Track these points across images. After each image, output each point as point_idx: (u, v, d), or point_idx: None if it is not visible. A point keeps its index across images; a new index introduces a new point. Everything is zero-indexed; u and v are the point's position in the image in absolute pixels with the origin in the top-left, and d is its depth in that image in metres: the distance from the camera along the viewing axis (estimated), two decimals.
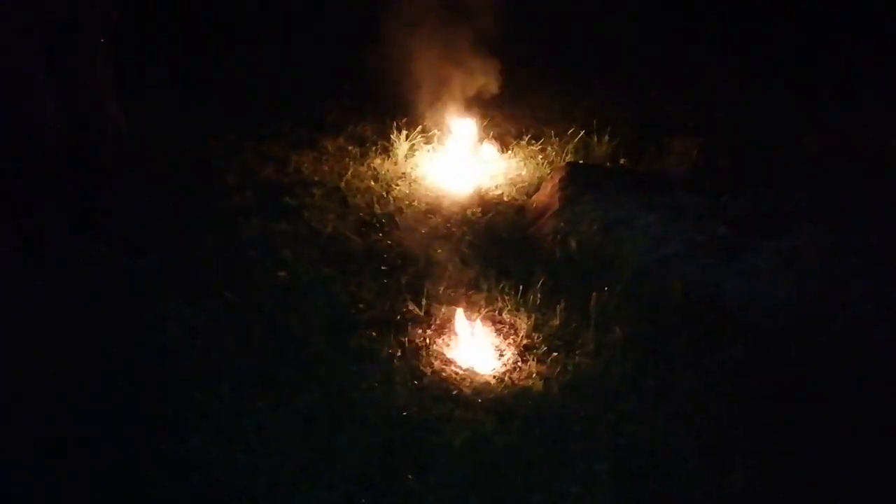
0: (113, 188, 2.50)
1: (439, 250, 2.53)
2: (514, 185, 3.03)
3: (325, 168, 3.10)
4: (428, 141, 3.30)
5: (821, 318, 2.26)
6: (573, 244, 2.54)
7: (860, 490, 1.78)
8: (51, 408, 1.88)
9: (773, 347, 2.17)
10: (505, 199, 2.94)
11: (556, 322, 2.21)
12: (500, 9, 3.36)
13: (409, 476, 1.72)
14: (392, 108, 3.48)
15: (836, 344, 2.19)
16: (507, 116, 3.61)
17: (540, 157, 3.24)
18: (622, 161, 3.20)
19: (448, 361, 2.09)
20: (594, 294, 2.26)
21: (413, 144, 3.24)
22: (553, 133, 3.34)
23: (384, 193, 2.92)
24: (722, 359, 2.13)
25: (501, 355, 2.12)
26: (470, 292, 2.35)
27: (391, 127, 3.32)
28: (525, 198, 2.95)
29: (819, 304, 2.30)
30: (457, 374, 2.05)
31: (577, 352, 2.11)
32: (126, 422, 1.85)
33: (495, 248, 2.58)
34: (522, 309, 2.27)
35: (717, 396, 2.01)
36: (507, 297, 2.31)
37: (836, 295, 2.30)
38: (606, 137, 3.28)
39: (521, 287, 2.32)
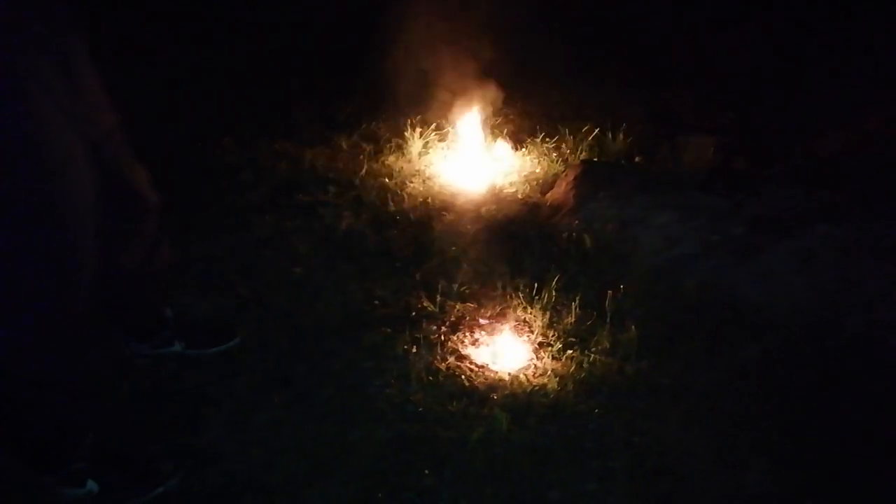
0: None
1: (453, 247, 2.54)
2: (529, 183, 3.03)
3: (340, 165, 3.11)
4: (442, 139, 3.30)
5: (837, 319, 2.24)
6: (588, 242, 2.53)
7: (875, 492, 1.77)
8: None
9: (787, 348, 2.16)
10: (519, 196, 2.93)
11: (571, 320, 2.21)
12: (515, 6, 3.35)
13: (425, 471, 1.72)
14: (406, 106, 3.48)
15: (852, 345, 2.17)
16: (521, 114, 3.61)
17: (554, 154, 3.23)
18: (637, 159, 3.19)
19: (462, 358, 2.09)
20: (609, 292, 2.25)
21: (427, 142, 3.24)
22: (567, 131, 3.33)
23: (398, 191, 2.93)
24: (736, 358, 2.12)
25: (516, 352, 2.12)
26: (484, 289, 2.35)
27: (405, 125, 3.33)
28: (539, 195, 2.95)
29: (835, 304, 2.28)
30: (471, 370, 2.05)
31: (591, 350, 2.10)
32: (143, 417, 1.87)
33: (509, 246, 2.58)
34: (537, 306, 2.27)
35: (732, 396, 1.99)
36: (521, 295, 2.31)
37: (852, 296, 2.28)
38: (621, 135, 3.26)
39: (535, 284, 2.32)
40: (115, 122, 1.66)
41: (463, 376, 2.02)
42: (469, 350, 2.13)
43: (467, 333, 2.19)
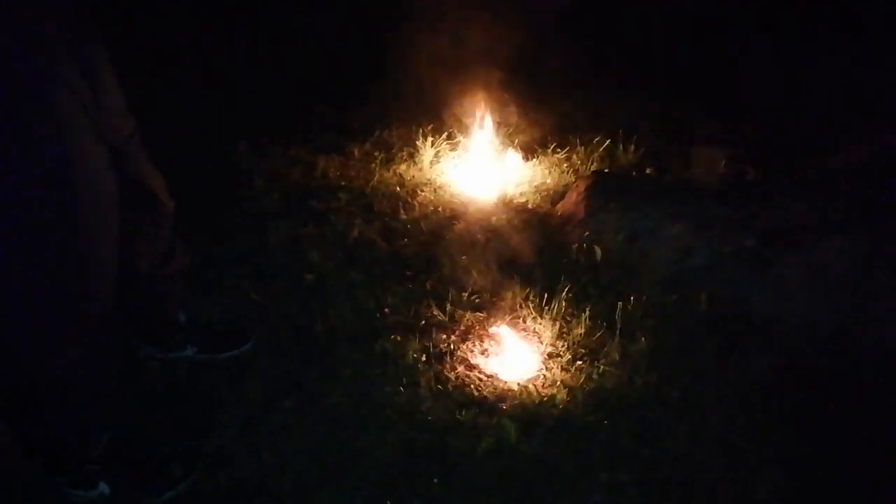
0: None
1: (463, 257, 2.54)
2: (539, 193, 3.03)
3: (352, 173, 3.13)
4: (453, 148, 3.32)
5: (849, 332, 2.23)
6: (598, 253, 2.54)
7: None
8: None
9: (800, 361, 2.15)
10: (530, 206, 2.94)
11: (581, 330, 2.21)
12: (526, 16, 3.37)
13: (434, 480, 1.73)
14: (418, 115, 3.50)
15: (866, 358, 2.16)
16: (532, 124, 3.62)
17: (565, 165, 3.24)
18: (648, 171, 3.19)
19: (472, 367, 2.10)
20: (619, 303, 2.25)
21: (438, 151, 3.26)
22: (578, 141, 3.34)
23: (409, 199, 2.94)
24: (748, 371, 2.11)
25: (525, 363, 2.12)
26: (494, 299, 2.35)
27: (417, 133, 3.35)
28: (550, 206, 2.96)
29: (848, 317, 2.27)
30: (480, 380, 2.05)
31: (601, 361, 2.10)
32: (155, 419, 1.89)
33: (519, 256, 2.58)
34: (547, 316, 2.27)
35: (743, 409, 1.99)
36: (531, 305, 2.32)
37: (866, 309, 2.27)
38: (632, 146, 3.27)
39: (545, 295, 2.33)
40: (134, 128, 1.69)
41: (472, 386, 2.03)
42: (478, 359, 2.13)
43: (477, 343, 2.19)
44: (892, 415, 1.98)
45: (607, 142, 3.30)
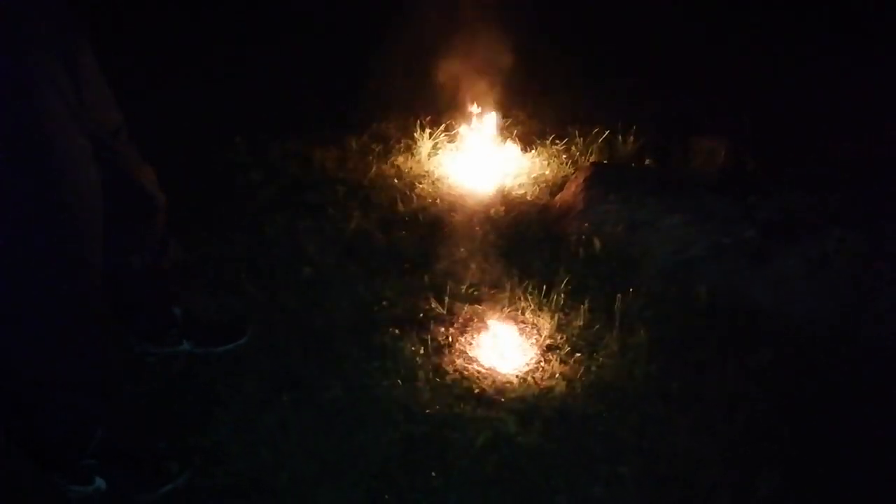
0: None
1: (462, 249, 2.53)
2: (538, 185, 3.02)
3: (349, 166, 3.11)
4: (451, 140, 3.30)
5: (851, 326, 2.22)
6: (597, 245, 2.52)
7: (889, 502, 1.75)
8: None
9: (800, 354, 2.14)
10: (528, 198, 2.92)
11: (580, 323, 2.20)
12: (525, 7, 3.35)
13: (433, 473, 1.72)
14: (415, 107, 3.48)
15: (866, 352, 2.15)
16: (531, 115, 3.60)
17: (564, 156, 3.22)
18: (648, 162, 3.17)
19: (470, 360, 2.09)
20: (618, 295, 2.24)
21: (436, 143, 3.24)
22: (577, 132, 3.31)
23: (407, 191, 2.92)
24: (748, 365, 2.10)
25: (524, 355, 2.12)
26: (493, 291, 2.34)
27: (414, 125, 3.33)
28: (549, 197, 2.94)
29: (849, 311, 2.25)
30: (479, 372, 2.04)
31: (600, 353, 2.09)
32: (151, 415, 1.88)
33: (518, 248, 2.57)
34: (545, 309, 2.26)
35: (743, 402, 1.98)
36: (530, 297, 2.30)
37: (867, 302, 2.26)
38: (632, 137, 3.25)
39: (544, 287, 2.31)
40: (121, 121, 1.67)
41: (471, 378, 2.02)
42: (477, 352, 2.12)
43: (475, 335, 2.18)
44: (892, 410, 1.97)
45: (606, 133, 3.27)
